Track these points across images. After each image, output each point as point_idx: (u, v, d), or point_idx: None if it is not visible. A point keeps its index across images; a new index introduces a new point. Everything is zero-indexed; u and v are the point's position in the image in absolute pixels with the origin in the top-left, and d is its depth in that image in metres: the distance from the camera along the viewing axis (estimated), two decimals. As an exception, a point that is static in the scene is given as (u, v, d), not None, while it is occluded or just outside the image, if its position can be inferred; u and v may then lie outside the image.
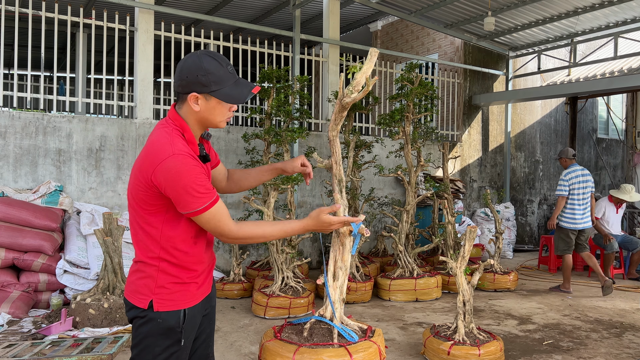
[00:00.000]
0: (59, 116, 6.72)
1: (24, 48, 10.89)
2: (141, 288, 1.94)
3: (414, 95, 6.95)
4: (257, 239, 1.99)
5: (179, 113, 1.96)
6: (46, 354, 3.54)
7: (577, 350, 4.55)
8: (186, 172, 1.80)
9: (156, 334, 1.91)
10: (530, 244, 11.90)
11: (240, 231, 1.95)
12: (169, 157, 1.80)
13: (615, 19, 9.58)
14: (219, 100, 1.92)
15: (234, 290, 6.42)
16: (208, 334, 2.17)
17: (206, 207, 1.85)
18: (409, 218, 6.94)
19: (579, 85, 10.08)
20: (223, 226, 1.91)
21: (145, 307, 1.91)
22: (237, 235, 1.94)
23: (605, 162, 13.60)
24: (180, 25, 8.35)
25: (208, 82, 1.88)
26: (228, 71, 1.93)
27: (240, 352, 4.42)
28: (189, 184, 1.80)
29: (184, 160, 1.81)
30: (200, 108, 1.92)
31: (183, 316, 1.94)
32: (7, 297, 5.28)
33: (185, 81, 1.89)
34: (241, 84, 1.96)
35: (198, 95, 1.90)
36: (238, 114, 8.75)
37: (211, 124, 1.99)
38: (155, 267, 1.94)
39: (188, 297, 1.97)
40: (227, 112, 1.97)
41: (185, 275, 1.96)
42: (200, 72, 1.88)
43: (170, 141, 1.85)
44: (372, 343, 3.29)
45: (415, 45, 12.10)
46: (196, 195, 1.82)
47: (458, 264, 4.17)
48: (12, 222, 5.72)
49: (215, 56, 1.92)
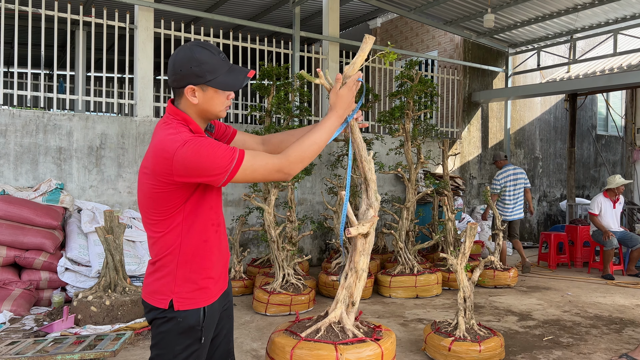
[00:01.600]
0: (60, 114, 6.73)
1: (23, 46, 10.89)
2: (160, 288, 1.92)
3: (413, 93, 6.95)
4: (310, 148, 1.91)
5: (178, 108, 1.93)
6: (49, 351, 3.55)
7: (577, 346, 4.57)
8: (202, 149, 1.77)
9: (176, 333, 1.90)
10: (530, 240, 11.93)
11: (289, 155, 1.88)
12: (181, 147, 1.77)
13: (615, 15, 9.58)
14: (216, 89, 1.89)
15: (235, 288, 6.44)
16: (228, 330, 2.16)
17: (237, 161, 1.80)
18: (409, 215, 6.95)
19: (579, 82, 10.08)
20: (269, 163, 1.86)
21: (165, 307, 1.90)
22: (288, 160, 1.87)
23: (605, 158, 13.62)
24: (180, 23, 8.34)
25: (202, 73, 1.85)
26: (220, 59, 1.90)
27: (242, 349, 4.44)
28: (210, 157, 1.77)
29: (195, 142, 1.78)
30: (198, 100, 1.89)
31: (203, 314, 1.93)
32: (9, 295, 5.29)
33: (179, 75, 1.86)
34: (235, 70, 1.93)
35: (194, 87, 1.87)
36: (238, 111, 8.76)
37: (212, 115, 1.96)
38: (173, 266, 1.92)
39: (207, 294, 1.96)
40: (225, 100, 1.94)
41: (203, 271, 1.95)
42: (193, 63, 1.84)
43: (177, 133, 1.82)
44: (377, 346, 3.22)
45: (415, 42, 12.10)
46: (222, 160, 1.77)
47: (459, 261, 4.18)
48: (13, 220, 5.74)
49: (206, 45, 1.89)
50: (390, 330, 3.33)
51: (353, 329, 3.17)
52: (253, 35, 8.99)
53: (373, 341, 3.10)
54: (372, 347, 3.05)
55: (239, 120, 10.11)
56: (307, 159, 1.92)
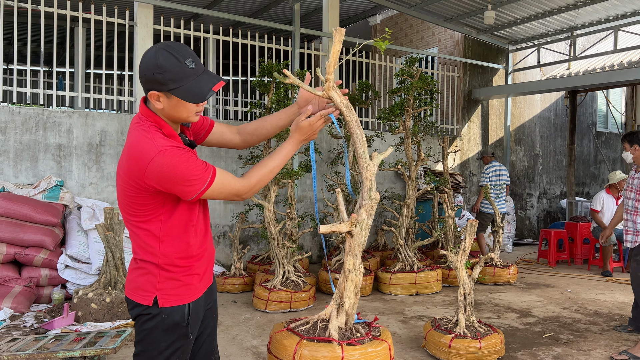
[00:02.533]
0: (59, 111, 6.72)
1: (23, 43, 10.85)
2: (144, 285, 1.91)
3: (414, 89, 6.94)
4: (268, 176, 1.97)
5: (150, 109, 1.89)
6: (49, 348, 3.55)
7: (577, 343, 4.57)
8: (177, 164, 1.76)
9: (161, 330, 1.89)
10: (530, 237, 11.93)
11: (251, 180, 1.94)
12: (156, 156, 1.75)
13: (615, 12, 9.56)
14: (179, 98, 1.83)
15: (235, 285, 6.44)
16: (212, 328, 2.15)
17: (209, 181, 1.83)
18: (409, 212, 6.95)
19: (579, 79, 10.07)
20: (233, 187, 1.90)
21: (150, 304, 1.89)
22: (249, 185, 1.93)
23: (605, 155, 13.62)
24: (180, 20, 8.33)
25: (165, 81, 1.77)
26: (186, 66, 1.78)
27: (242, 346, 4.44)
28: (186, 173, 1.77)
29: (171, 154, 1.76)
30: (163, 105, 1.83)
31: (188, 310, 1.92)
32: (9, 292, 5.29)
33: (144, 79, 1.81)
34: (202, 80, 1.82)
35: (159, 93, 1.81)
36: (238, 108, 8.74)
37: (179, 120, 1.90)
38: (156, 262, 1.90)
39: (192, 290, 1.95)
40: (194, 107, 1.87)
41: (187, 268, 1.94)
42: (156, 70, 1.77)
43: (151, 139, 1.79)
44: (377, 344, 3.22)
45: (415, 39, 12.08)
46: (196, 179, 1.79)
47: (459, 258, 4.18)
48: (13, 218, 5.73)
49: (173, 50, 1.78)
50: (384, 339, 3.19)
51: (333, 331, 3.09)
52: (253, 32, 8.98)
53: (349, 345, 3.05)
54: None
55: (238, 117, 10.09)
56: (264, 185, 1.99)
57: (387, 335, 3.29)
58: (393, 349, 3.24)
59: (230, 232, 7.62)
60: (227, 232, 7.88)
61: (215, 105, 8.74)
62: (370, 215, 2.95)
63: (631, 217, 4.76)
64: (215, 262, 7.08)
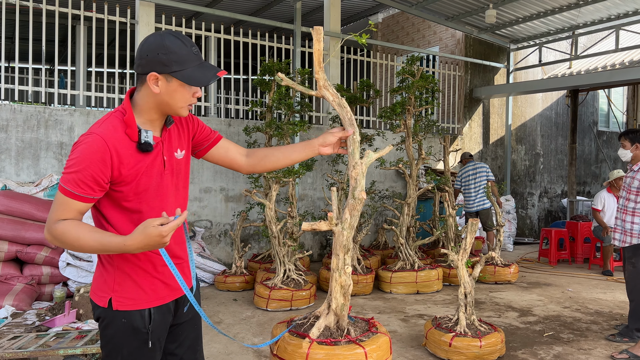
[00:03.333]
0: (61, 109, 6.73)
1: (25, 41, 10.86)
2: (101, 285, 1.81)
3: (415, 88, 6.94)
4: (71, 244, 1.66)
5: (132, 97, 1.81)
6: (51, 345, 3.56)
7: (578, 342, 4.58)
8: (87, 153, 1.66)
9: (122, 335, 1.79)
10: (531, 236, 11.93)
11: (58, 226, 1.66)
12: (87, 134, 1.70)
13: (617, 11, 9.55)
14: (181, 82, 1.75)
15: (236, 283, 6.45)
16: (193, 339, 2.03)
17: (67, 191, 1.66)
18: (409, 211, 6.95)
19: (580, 78, 10.07)
20: (52, 213, 1.68)
21: (105, 306, 1.79)
22: (54, 232, 1.67)
23: (606, 154, 13.61)
24: (181, 18, 8.33)
25: (169, 62, 1.72)
26: (192, 52, 1.76)
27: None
28: (79, 162, 1.65)
29: (94, 142, 1.67)
30: (160, 90, 1.75)
31: (149, 316, 1.80)
32: (11, 290, 5.31)
33: (145, 60, 1.73)
34: (205, 66, 1.79)
35: (158, 75, 1.73)
36: (239, 107, 8.75)
37: (171, 110, 1.80)
38: (110, 262, 1.80)
39: (152, 295, 1.82)
40: (189, 97, 1.79)
41: (145, 271, 1.81)
42: (161, 50, 1.72)
43: (102, 121, 1.74)
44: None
45: (416, 37, 12.07)
46: (74, 175, 1.65)
47: (459, 257, 4.19)
48: (15, 215, 5.75)
49: (179, 36, 1.76)
50: (364, 345, 3.13)
51: (315, 329, 3.13)
52: (254, 31, 8.98)
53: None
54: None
55: (240, 116, 10.10)
56: (62, 246, 1.73)
57: (376, 341, 3.16)
58: (373, 357, 3.11)
59: (232, 231, 7.63)
60: (228, 230, 7.89)
61: (216, 104, 8.75)
62: (354, 215, 2.86)
63: (621, 216, 4.72)
64: (216, 260, 7.09)
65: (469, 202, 8.35)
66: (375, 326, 3.38)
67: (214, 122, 7.88)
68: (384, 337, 3.27)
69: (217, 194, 7.82)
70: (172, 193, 1.89)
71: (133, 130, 1.75)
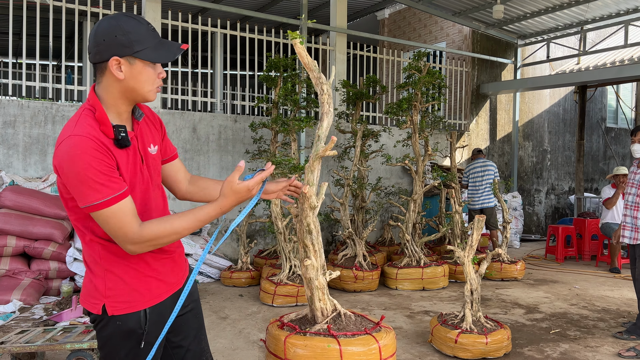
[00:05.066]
0: (68, 105, 6.75)
1: (32, 37, 10.90)
2: (92, 292, 1.73)
3: (421, 84, 6.91)
4: (168, 237, 1.65)
5: (95, 92, 1.70)
6: (58, 340, 3.59)
7: (584, 339, 4.56)
8: (80, 156, 1.53)
9: (118, 337, 1.74)
10: (538, 233, 11.88)
11: (145, 232, 1.61)
12: (66, 139, 1.56)
13: (626, 6, 9.46)
14: (145, 62, 1.66)
15: (241, 279, 6.47)
16: (197, 329, 2.00)
17: (107, 201, 1.55)
18: (416, 207, 6.94)
19: (588, 74, 9.99)
20: (126, 229, 1.59)
21: (99, 313, 1.72)
22: (142, 238, 1.61)
23: (614, 151, 13.51)
24: (187, 14, 8.33)
25: (129, 42, 1.62)
26: (149, 29, 1.68)
27: (249, 339, 4.47)
28: (83, 171, 1.53)
29: (80, 143, 1.54)
30: (124, 75, 1.64)
31: (144, 317, 1.75)
32: (19, 284, 5.35)
33: (102, 45, 1.62)
34: (165, 43, 1.71)
35: (120, 59, 1.63)
36: (245, 103, 8.74)
37: (139, 95, 1.70)
38: (99, 265, 1.71)
39: (147, 295, 1.75)
40: (155, 78, 1.70)
41: (137, 271, 1.74)
42: (118, 31, 1.62)
43: (76, 121, 1.61)
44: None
45: (423, 33, 12.01)
46: (92, 186, 1.54)
47: (466, 253, 4.17)
48: (23, 211, 5.78)
49: (132, 15, 1.69)
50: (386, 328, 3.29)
51: (292, 316, 3.30)
52: (260, 27, 8.97)
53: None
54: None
55: (245, 112, 10.10)
56: (159, 246, 1.68)
57: (366, 341, 3.16)
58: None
59: (237, 227, 7.65)
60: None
61: (222, 100, 8.75)
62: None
63: (631, 213, 4.67)
64: (222, 256, 7.11)
65: (473, 199, 8.33)
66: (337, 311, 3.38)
67: (220, 118, 7.88)
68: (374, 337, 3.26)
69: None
70: (152, 189, 1.81)
71: (107, 127, 1.64)
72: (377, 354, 3.12)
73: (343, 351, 3.04)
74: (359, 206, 7.50)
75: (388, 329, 3.31)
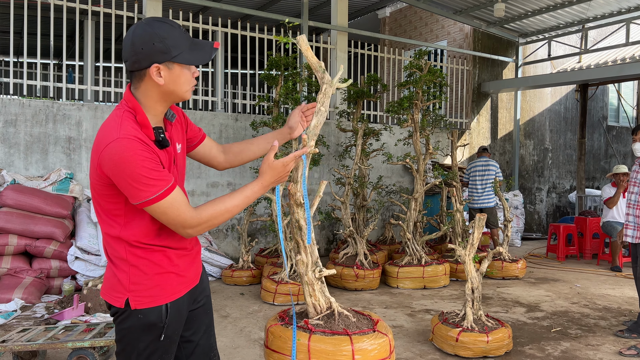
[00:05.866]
0: (69, 104, 6.76)
1: (33, 36, 10.92)
2: (115, 286, 1.80)
3: (422, 83, 6.90)
4: (222, 215, 1.78)
5: (134, 94, 1.76)
6: (59, 338, 3.59)
7: (586, 338, 4.56)
8: (131, 157, 1.61)
9: (138, 330, 1.79)
10: (539, 232, 11.87)
11: (203, 215, 1.74)
12: (113, 141, 1.63)
13: (628, 4, 9.44)
14: (182, 65, 1.73)
15: (242, 277, 6.47)
16: (208, 325, 2.06)
17: (160, 195, 1.66)
18: (417, 206, 6.94)
19: (590, 72, 9.97)
20: (183, 215, 1.71)
21: (122, 306, 1.78)
22: (200, 220, 1.74)
23: (615, 150, 13.49)
24: (188, 13, 8.33)
25: (167, 48, 1.69)
26: (182, 32, 1.74)
27: (250, 338, 4.47)
28: (136, 170, 1.62)
29: (129, 145, 1.62)
30: (164, 80, 1.72)
31: (165, 311, 1.81)
32: (20, 283, 5.35)
33: (141, 54, 1.68)
34: (199, 43, 1.78)
35: (159, 65, 1.70)
36: (246, 101, 8.74)
37: (177, 96, 1.79)
38: (125, 261, 1.78)
39: (168, 290, 1.82)
40: (191, 79, 1.78)
41: (160, 267, 1.81)
42: (155, 39, 1.68)
43: (119, 123, 1.68)
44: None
45: (424, 32, 12.00)
46: (146, 182, 1.63)
47: (467, 252, 4.17)
48: (24, 209, 5.79)
49: (164, 20, 1.74)
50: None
51: (297, 308, 3.27)
52: (261, 25, 8.97)
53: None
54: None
55: (247, 111, 10.10)
56: (216, 225, 1.80)
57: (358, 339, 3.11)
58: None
59: (239, 225, 7.65)
60: (235, 225, 7.91)
61: (223, 99, 8.75)
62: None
63: (633, 212, 4.66)
64: (223, 255, 7.11)
65: (473, 197, 8.32)
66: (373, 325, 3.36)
67: (221, 116, 7.88)
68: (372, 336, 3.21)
69: (224, 188, 7.83)
70: (181, 187, 1.88)
71: (149, 129, 1.73)
72: (350, 356, 2.98)
73: (311, 347, 2.99)
74: (360, 205, 7.50)
75: (379, 333, 3.12)
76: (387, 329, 3.23)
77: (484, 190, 8.21)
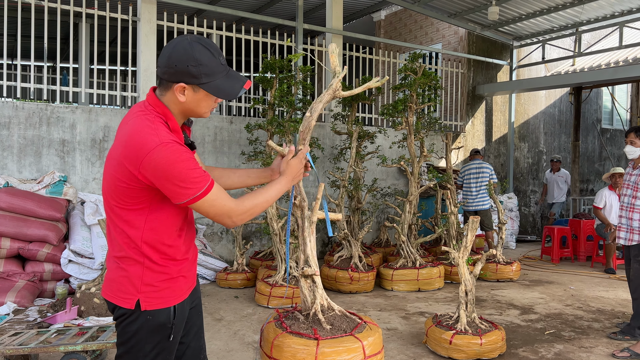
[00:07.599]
0: (63, 107, 6.73)
1: (27, 38, 10.89)
2: (125, 287, 1.81)
3: (417, 86, 6.92)
4: (262, 205, 1.92)
5: (160, 99, 1.82)
6: (52, 342, 3.57)
7: (579, 340, 4.57)
8: (177, 160, 1.69)
9: (146, 331, 1.82)
10: (533, 234, 11.90)
11: (246, 204, 1.87)
12: (157, 148, 1.68)
13: (621, 8, 9.50)
14: (208, 93, 1.80)
15: (237, 280, 6.46)
16: (199, 326, 2.10)
17: (205, 190, 1.75)
18: (411, 208, 6.94)
19: (584, 75, 10.02)
20: (229, 205, 1.82)
21: (132, 308, 1.80)
22: (244, 209, 1.86)
23: (610, 152, 13.55)
24: (183, 15, 8.32)
25: (199, 74, 1.75)
26: (220, 62, 1.80)
27: (244, 341, 4.46)
28: (183, 172, 1.70)
29: (173, 149, 1.70)
30: (186, 99, 1.80)
31: (173, 312, 1.85)
32: (13, 287, 5.32)
33: (173, 69, 1.75)
34: (232, 76, 1.83)
35: (186, 86, 1.77)
36: (241, 104, 8.74)
37: (194, 115, 1.88)
38: (140, 263, 1.81)
39: (177, 292, 1.88)
40: (213, 103, 1.86)
41: (172, 269, 1.86)
42: (191, 62, 1.74)
43: (155, 130, 1.72)
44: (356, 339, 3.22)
45: (419, 35, 12.03)
46: (193, 181, 1.72)
47: (460, 254, 4.18)
48: (17, 212, 5.76)
49: (208, 45, 1.78)
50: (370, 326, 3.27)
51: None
52: (256, 28, 8.98)
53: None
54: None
55: (242, 113, 10.10)
56: (255, 215, 1.92)
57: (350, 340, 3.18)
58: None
59: (233, 228, 7.63)
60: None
61: (218, 101, 8.74)
62: None
63: (626, 214, 4.68)
64: (217, 258, 7.10)
65: (467, 200, 8.32)
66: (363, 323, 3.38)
67: (215, 119, 7.88)
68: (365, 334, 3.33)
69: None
70: None
71: (180, 135, 1.83)
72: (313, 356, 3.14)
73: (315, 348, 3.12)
74: (355, 207, 7.50)
75: (353, 337, 3.20)
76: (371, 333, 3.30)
77: (478, 192, 8.20)
